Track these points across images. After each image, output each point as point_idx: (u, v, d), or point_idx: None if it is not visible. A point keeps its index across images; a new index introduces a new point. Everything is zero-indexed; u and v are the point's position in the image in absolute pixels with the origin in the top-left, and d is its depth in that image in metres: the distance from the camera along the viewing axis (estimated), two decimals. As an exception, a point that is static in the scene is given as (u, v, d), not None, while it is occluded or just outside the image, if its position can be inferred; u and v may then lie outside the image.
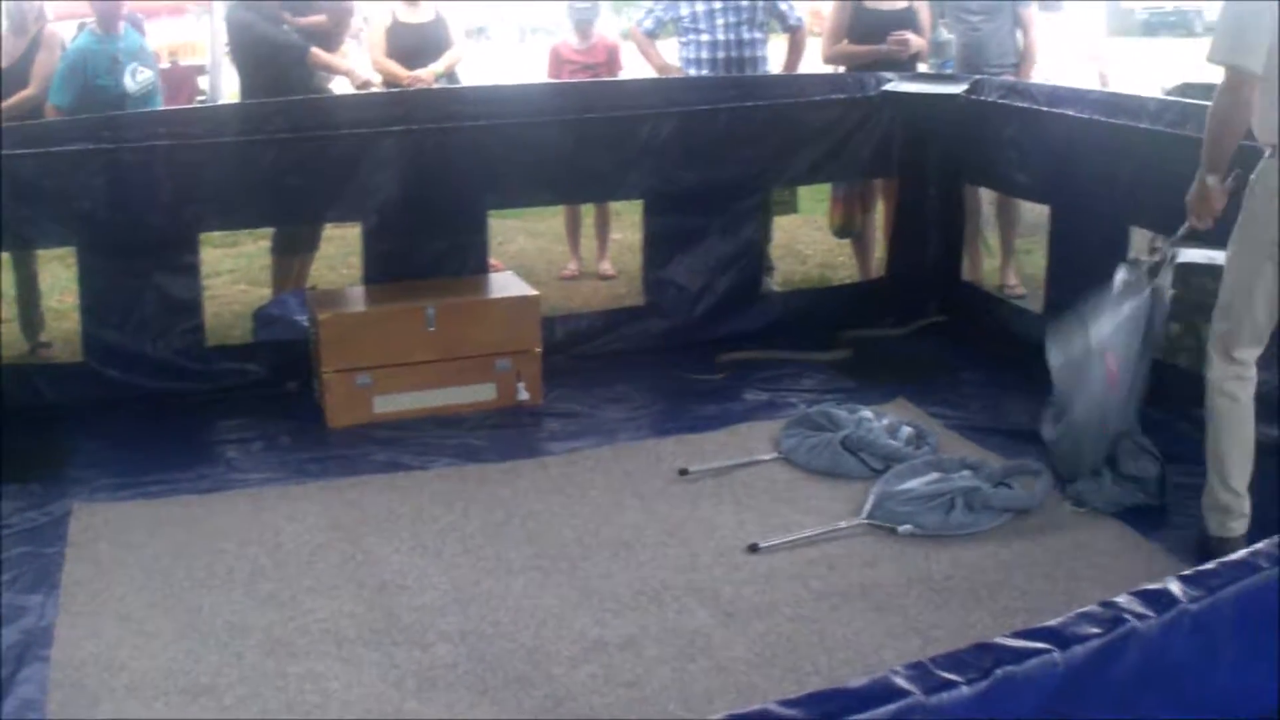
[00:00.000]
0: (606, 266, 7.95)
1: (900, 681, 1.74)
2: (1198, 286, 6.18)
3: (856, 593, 4.19)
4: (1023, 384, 5.81)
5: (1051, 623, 1.92)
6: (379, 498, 4.72)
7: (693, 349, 6.23)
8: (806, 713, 1.65)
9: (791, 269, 7.89)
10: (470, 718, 3.40)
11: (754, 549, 4.41)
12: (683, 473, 4.98)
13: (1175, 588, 2.05)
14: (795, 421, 5.44)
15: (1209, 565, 2.12)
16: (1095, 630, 1.90)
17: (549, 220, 8.20)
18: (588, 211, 7.98)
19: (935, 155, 6.79)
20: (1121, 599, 2.00)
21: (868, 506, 4.75)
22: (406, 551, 4.30)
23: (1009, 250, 7.38)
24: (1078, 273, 5.95)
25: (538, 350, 5.63)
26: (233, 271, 7.69)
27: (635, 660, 3.64)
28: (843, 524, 4.63)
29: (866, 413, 5.48)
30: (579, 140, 6.04)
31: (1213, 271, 6.11)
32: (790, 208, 7.05)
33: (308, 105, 6.00)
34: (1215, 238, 4.93)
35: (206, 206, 5.67)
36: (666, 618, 3.90)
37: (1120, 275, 4.91)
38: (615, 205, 7.78)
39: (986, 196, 7.33)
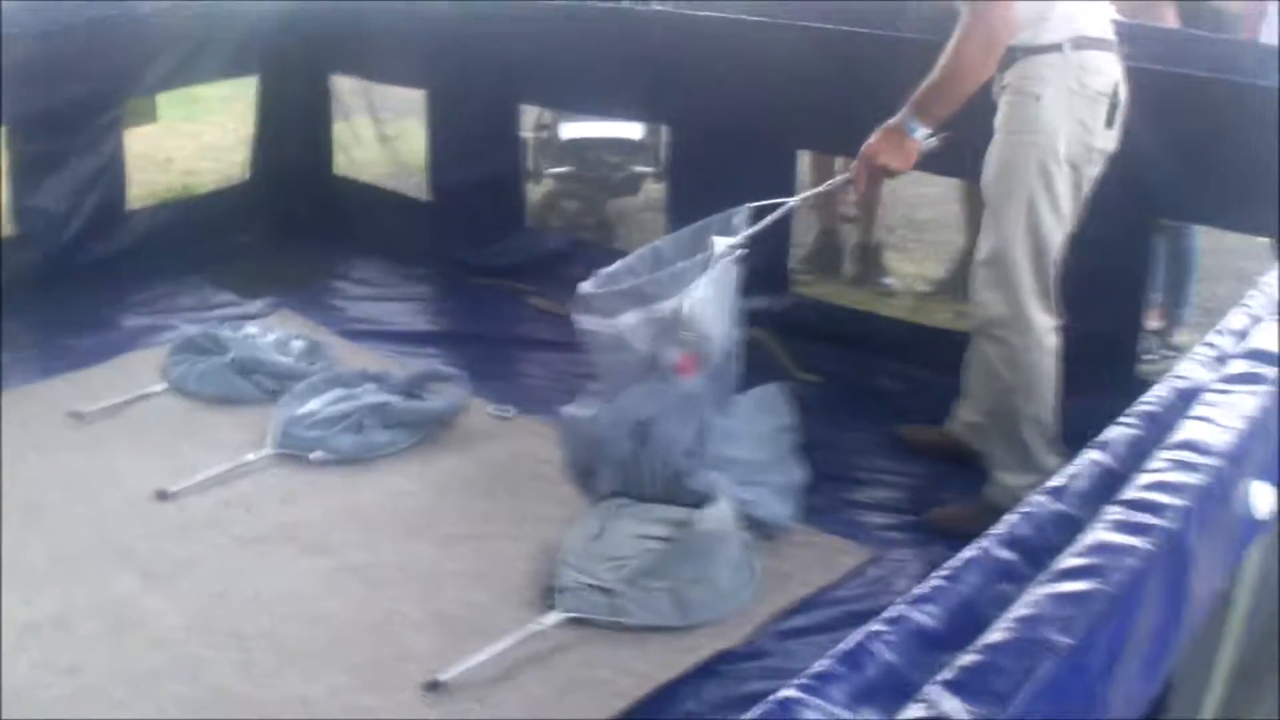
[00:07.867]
0: None
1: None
2: (593, 161, 6.89)
3: (281, 535, 4.04)
4: (413, 279, 6.03)
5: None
6: None
7: (65, 278, 6.06)
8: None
9: (154, 179, 7.77)
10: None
11: (163, 496, 4.23)
12: (76, 416, 4.83)
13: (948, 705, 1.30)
14: (180, 346, 5.23)
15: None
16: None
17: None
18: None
19: (298, 49, 6.85)
20: None
21: (272, 435, 4.56)
22: None
23: None
24: (464, 156, 6.39)
25: (-78, 301, 5.30)
26: None
27: (70, 641, 3.55)
28: (250, 456, 4.44)
29: (251, 329, 5.34)
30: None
31: (605, 145, 6.83)
32: (149, 117, 7.07)
33: None
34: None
35: None
36: (90, 586, 3.80)
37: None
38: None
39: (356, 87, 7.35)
